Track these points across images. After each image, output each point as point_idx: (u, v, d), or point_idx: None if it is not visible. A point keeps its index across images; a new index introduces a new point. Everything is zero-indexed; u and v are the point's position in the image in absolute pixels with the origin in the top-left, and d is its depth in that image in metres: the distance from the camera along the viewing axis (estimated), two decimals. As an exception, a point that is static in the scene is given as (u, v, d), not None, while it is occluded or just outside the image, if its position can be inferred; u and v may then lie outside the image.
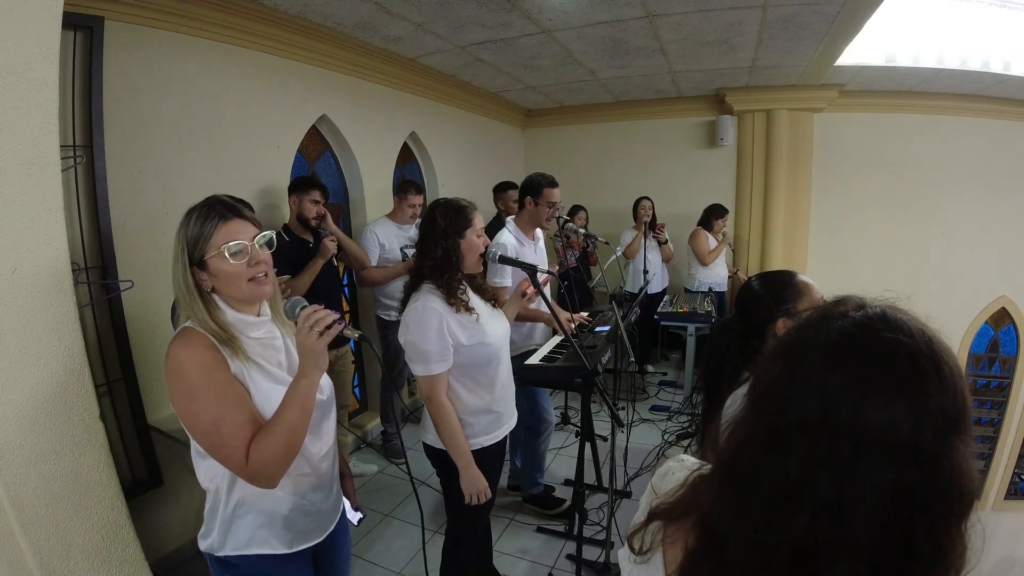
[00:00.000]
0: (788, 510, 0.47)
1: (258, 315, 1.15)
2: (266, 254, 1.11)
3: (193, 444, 1.08)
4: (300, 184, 2.61)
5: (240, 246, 1.06)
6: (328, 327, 1.04)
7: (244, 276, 1.07)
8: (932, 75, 3.93)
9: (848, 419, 0.46)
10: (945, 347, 0.49)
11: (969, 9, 3.03)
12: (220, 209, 1.07)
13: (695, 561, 0.55)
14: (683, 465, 0.67)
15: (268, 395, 1.08)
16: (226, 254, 1.04)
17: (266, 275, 1.11)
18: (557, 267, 2.37)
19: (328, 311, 1.05)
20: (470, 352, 1.61)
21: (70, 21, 1.79)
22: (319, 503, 1.21)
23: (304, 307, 1.07)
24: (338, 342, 1.11)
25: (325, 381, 1.20)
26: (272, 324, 1.18)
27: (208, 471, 1.11)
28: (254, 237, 1.09)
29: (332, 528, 1.26)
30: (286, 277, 2.37)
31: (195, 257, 1.05)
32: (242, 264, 1.06)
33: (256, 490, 1.08)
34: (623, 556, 0.66)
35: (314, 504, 1.19)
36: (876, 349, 0.48)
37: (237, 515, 1.11)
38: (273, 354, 1.16)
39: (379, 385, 3.33)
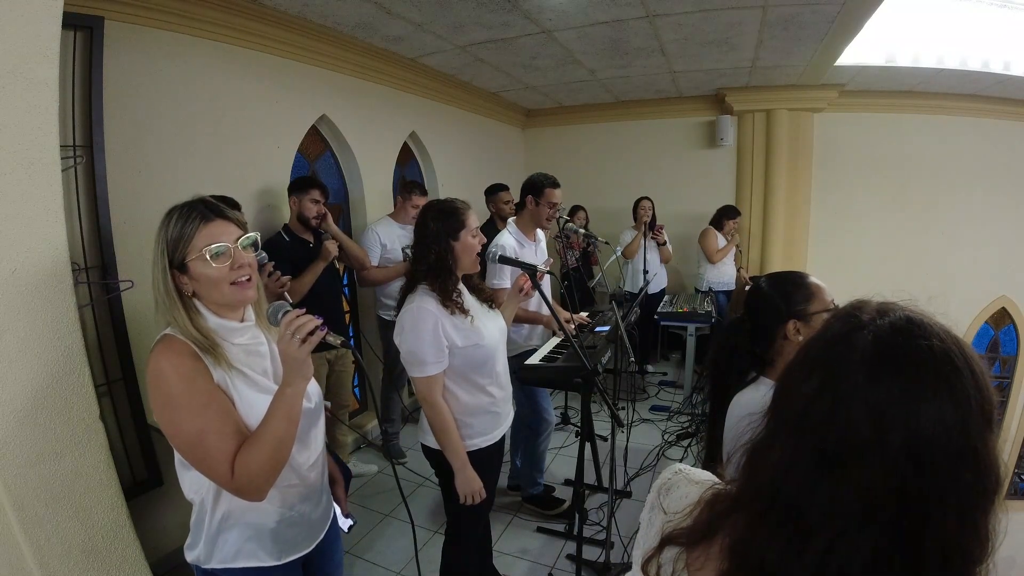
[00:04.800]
0: (851, 535, 0.45)
1: (242, 320, 1.10)
2: (250, 257, 1.06)
3: (177, 455, 1.05)
4: (300, 184, 2.61)
5: (222, 248, 1.01)
6: (310, 333, 0.98)
7: (226, 280, 1.02)
8: (932, 75, 3.93)
9: (903, 433, 0.44)
10: (969, 344, 0.48)
11: (969, 9, 3.02)
12: (201, 209, 1.02)
13: None
14: (688, 479, 0.64)
15: (253, 405, 1.03)
16: (207, 257, 0.99)
17: (249, 279, 1.06)
18: (550, 260, 2.37)
19: (310, 316, 1.00)
20: (465, 354, 1.61)
21: (70, 21, 1.78)
22: (308, 513, 1.17)
23: (286, 312, 1.02)
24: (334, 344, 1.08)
25: (313, 388, 1.15)
26: (256, 329, 1.13)
27: (192, 483, 1.08)
28: (237, 239, 1.04)
29: (322, 536, 1.23)
30: (287, 278, 2.37)
31: (175, 260, 1.00)
32: (224, 267, 1.01)
33: (242, 503, 1.04)
34: None
35: (303, 515, 1.15)
36: (917, 357, 0.46)
37: (223, 529, 1.08)
38: (258, 361, 1.11)
39: (379, 385, 3.34)
